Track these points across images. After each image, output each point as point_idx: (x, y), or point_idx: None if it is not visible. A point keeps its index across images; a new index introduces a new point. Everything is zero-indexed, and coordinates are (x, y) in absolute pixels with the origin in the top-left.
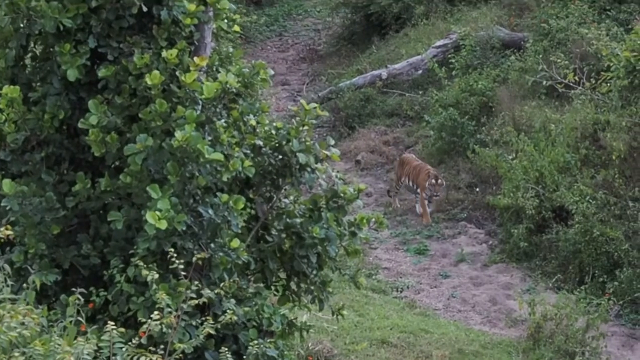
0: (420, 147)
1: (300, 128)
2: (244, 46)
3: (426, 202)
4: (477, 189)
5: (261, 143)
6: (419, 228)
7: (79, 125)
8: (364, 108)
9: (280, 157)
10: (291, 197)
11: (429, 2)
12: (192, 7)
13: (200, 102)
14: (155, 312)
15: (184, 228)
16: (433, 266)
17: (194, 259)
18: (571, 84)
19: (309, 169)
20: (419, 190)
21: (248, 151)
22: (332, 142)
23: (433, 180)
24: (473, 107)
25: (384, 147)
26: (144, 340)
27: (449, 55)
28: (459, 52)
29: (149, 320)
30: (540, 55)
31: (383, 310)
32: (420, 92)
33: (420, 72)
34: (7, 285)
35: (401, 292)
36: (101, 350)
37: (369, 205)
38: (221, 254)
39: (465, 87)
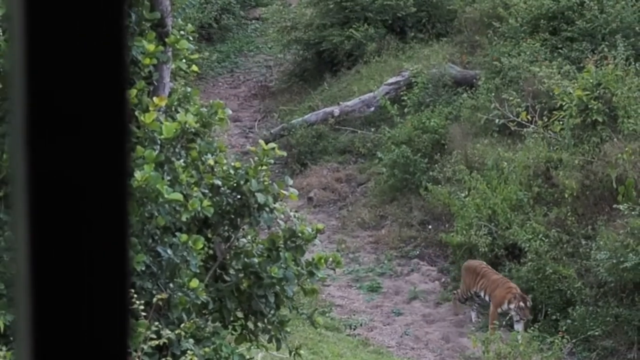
0: (373, 184)
1: (259, 168)
2: (196, 83)
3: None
4: (430, 227)
5: (219, 183)
6: (371, 265)
7: None
8: (316, 145)
9: (239, 196)
10: (249, 237)
11: (380, 40)
12: (151, 47)
13: (159, 142)
14: None
15: (143, 268)
16: (386, 304)
17: (154, 299)
18: (523, 122)
19: (267, 209)
20: (490, 303)
21: (206, 191)
22: (290, 182)
23: (522, 303)
24: (425, 145)
25: (336, 184)
26: None
27: (401, 93)
28: (411, 89)
29: None
30: (493, 93)
31: (337, 348)
32: (373, 129)
33: (372, 109)
34: None
35: (354, 329)
36: None
37: (322, 242)
38: (180, 294)
39: (418, 125)
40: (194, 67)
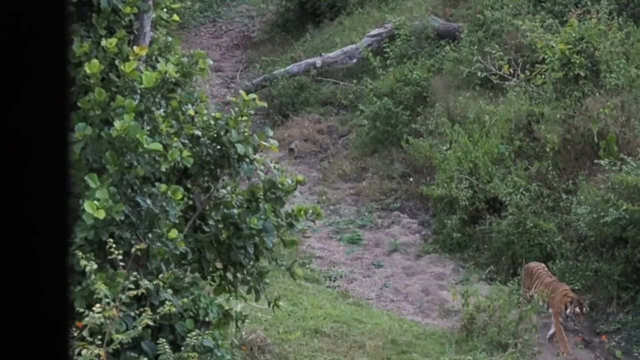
0: (354, 136)
1: (239, 119)
2: (177, 32)
3: (562, 327)
4: (411, 179)
5: (199, 133)
6: (352, 217)
7: None
8: (297, 96)
9: (219, 147)
10: (229, 188)
11: None
12: None
13: (139, 91)
14: (97, 305)
15: (122, 218)
16: (366, 256)
17: (133, 249)
18: (506, 76)
19: (247, 160)
20: (550, 312)
21: (186, 141)
22: (271, 133)
23: (577, 309)
24: (407, 97)
25: (317, 136)
26: (84, 333)
27: (384, 45)
28: (394, 41)
29: (91, 313)
30: (475, 46)
31: (316, 300)
32: (355, 81)
33: (354, 60)
34: None
35: (334, 281)
36: None
37: (302, 194)
38: (159, 244)
39: (400, 77)
40: (175, 17)
